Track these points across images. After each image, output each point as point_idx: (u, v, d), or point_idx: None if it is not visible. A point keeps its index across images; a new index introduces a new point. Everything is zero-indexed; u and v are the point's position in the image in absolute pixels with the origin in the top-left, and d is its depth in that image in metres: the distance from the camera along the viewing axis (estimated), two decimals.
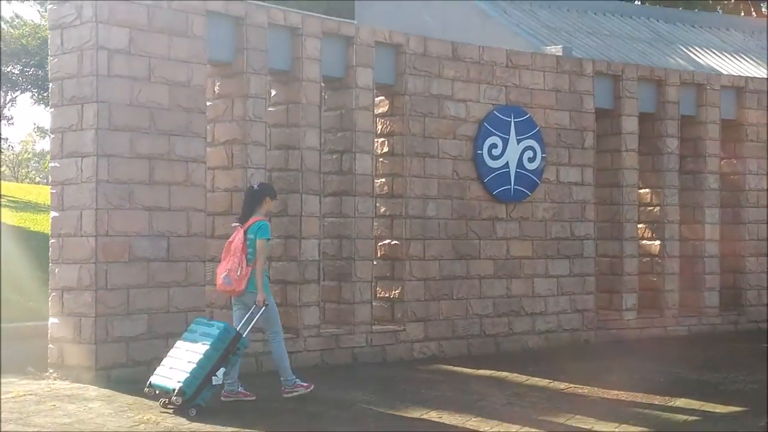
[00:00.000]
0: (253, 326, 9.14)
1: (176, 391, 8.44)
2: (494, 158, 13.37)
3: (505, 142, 13.46)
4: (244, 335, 8.97)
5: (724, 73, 16.43)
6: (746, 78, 16.05)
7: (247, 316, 9.13)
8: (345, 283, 11.97)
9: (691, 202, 15.57)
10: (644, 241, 15.29)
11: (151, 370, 9.23)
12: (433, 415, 9.03)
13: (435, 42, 12.97)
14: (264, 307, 9.08)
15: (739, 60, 17.76)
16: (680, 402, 9.88)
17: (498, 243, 13.38)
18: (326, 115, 12.12)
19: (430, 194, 12.78)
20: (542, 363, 12.11)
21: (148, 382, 8.84)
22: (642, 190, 15.23)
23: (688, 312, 15.35)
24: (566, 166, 14.11)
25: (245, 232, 9.18)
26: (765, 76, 16.53)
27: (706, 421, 9.05)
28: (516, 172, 13.57)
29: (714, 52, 17.81)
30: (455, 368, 11.76)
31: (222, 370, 8.63)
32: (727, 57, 17.75)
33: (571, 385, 10.66)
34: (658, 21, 18.62)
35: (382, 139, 12.71)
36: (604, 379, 11.08)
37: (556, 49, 14.73)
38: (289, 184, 11.54)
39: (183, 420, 8.35)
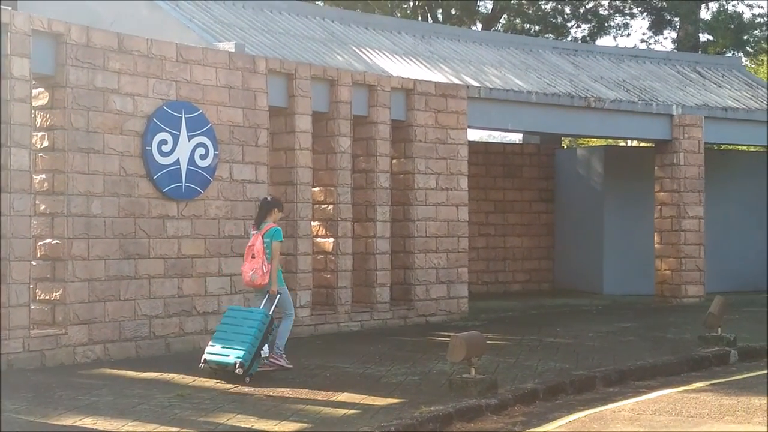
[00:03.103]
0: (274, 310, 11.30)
1: (237, 365, 10.51)
2: (164, 155, 13.02)
3: (176, 138, 13.15)
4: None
5: (395, 75, 16.91)
6: (415, 81, 16.61)
7: (264, 303, 11.34)
8: None
9: (363, 200, 15.91)
10: (318, 239, 15.46)
11: None
12: (87, 422, 8.62)
13: (99, 33, 12.44)
14: (279, 295, 11.40)
15: (409, 63, 18.35)
16: (343, 396, 9.99)
17: (169, 242, 13.05)
18: None
19: (95, 191, 12.26)
20: None
21: (202, 359, 10.84)
22: (316, 189, 15.39)
23: (360, 308, 15.68)
24: (240, 163, 14.00)
25: (263, 237, 11.33)
26: (432, 80, 17.17)
27: (365, 413, 9.18)
28: (187, 169, 13.29)
29: (386, 54, 18.31)
30: (120, 372, 11.31)
31: (266, 346, 10.79)
32: (398, 59, 18.30)
33: (237, 385, 10.53)
34: (333, 22, 18.91)
35: (42, 133, 12.04)
36: (271, 377, 11.04)
37: (228, 46, 14.57)
38: None
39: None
